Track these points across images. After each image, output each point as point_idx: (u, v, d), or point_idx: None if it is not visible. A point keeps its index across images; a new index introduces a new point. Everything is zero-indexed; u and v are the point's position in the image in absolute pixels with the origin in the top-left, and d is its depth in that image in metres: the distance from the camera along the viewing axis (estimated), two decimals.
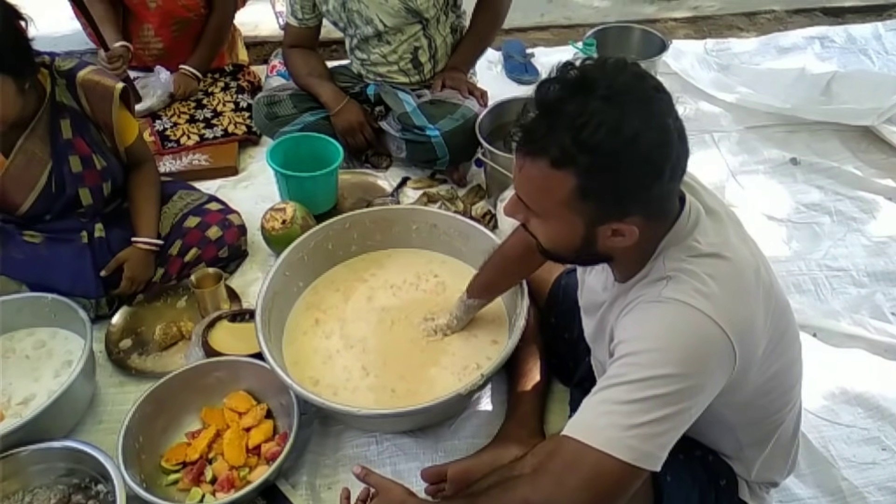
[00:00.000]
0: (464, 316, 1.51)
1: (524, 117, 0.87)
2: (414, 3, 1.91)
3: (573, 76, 0.84)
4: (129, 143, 1.70)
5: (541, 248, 0.98)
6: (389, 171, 2.18)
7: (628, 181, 0.84)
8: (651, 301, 0.91)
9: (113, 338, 1.67)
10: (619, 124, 0.81)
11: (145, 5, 2.24)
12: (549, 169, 0.84)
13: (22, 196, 1.60)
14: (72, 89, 1.59)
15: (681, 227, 0.93)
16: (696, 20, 2.90)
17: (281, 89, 2.15)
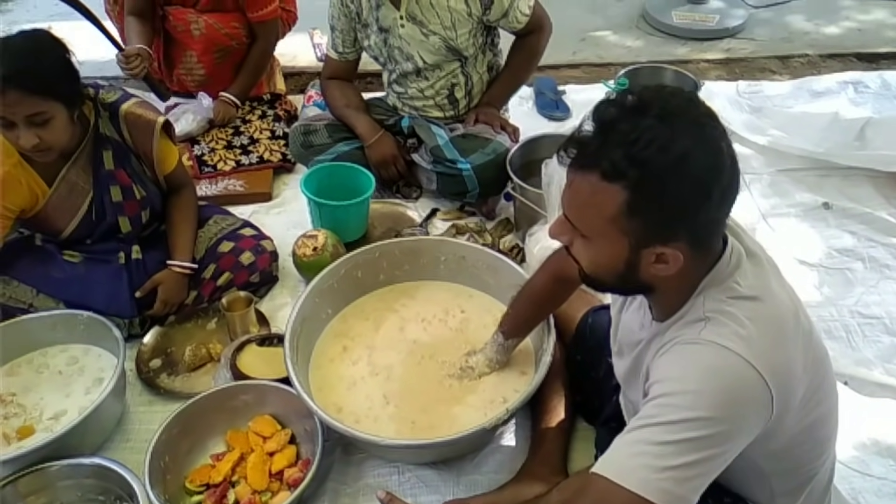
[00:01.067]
0: (503, 358, 1.50)
1: (579, 133, 0.89)
2: (454, 42, 1.96)
3: (631, 100, 0.87)
4: (169, 170, 1.76)
5: (582, 273, 0.99)
6: (419, 201, 2.21)
7: (676, 200, 0.85)
8: (689, 342, 0.91)
9: (144, 357, 1.70)
10: (670, 142, 0.82)
11: (189, 33, 2.31)
12: (599, 182, 0.86)
13: (64, 222, 1.66)
14: (115, 121, 1.65)
15: (722, 267, 0.93)
16: (728, 62, 2.91)
17: (317, 119, 2.20)
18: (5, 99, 1.41)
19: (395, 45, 2.00)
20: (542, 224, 1.82)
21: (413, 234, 2.04)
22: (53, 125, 1.48)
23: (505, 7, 1.92)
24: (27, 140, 1.46)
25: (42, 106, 1.45)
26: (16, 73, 1.40)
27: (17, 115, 1.43)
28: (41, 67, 1.44)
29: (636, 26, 3.17)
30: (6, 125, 1.45)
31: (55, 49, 1.49)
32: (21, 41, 1.45)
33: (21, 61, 1.41)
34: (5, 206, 1.55)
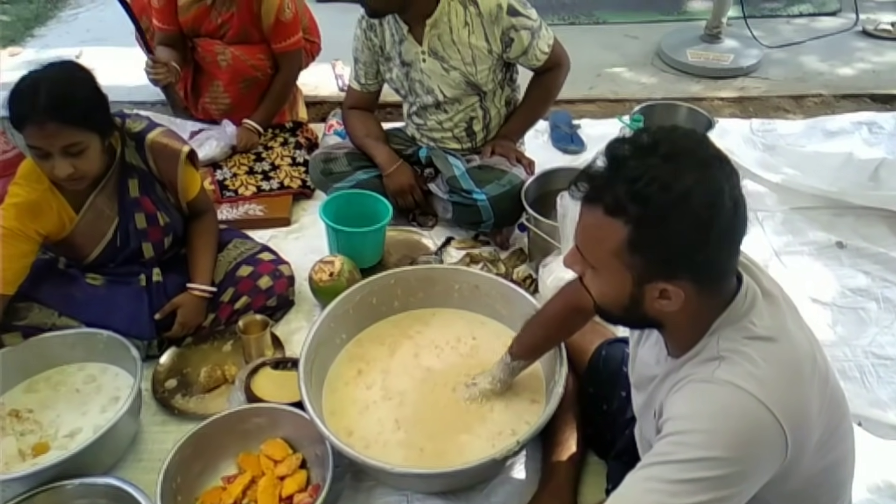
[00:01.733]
0: (507, 378, 1.51)
1: (590, 169, 0.92)
2: (474, 78, 2.00)
3: (643, 139, 0.89)
4: (192, 197, 1.80)
5: (593, 303, 1.01)
6: (434, 230, 2.24)
7: (676, 238, 0.86)
8: (703, 381, 0.92)
9: (159, 377, 1.73)
10: (672, 181, 0.84)
11: (217, 64, 2.38)
12: (602, 216, 0.88)
13: (89, 248, 1.70)
14: (140, 151, 1.69)
15: (737, 307, 0.94)
16: (742, 100, 2.94)
17: (337, 147, 2.25)
18: (43, 131, 1.45)
19: (417, 79, 2.05)
20: (556, 255, 1.84)
21: (428, 261, 2.06)
22: (87, 155, 1.52)
23: (525, 45, 1.97)
24: (62, 170, 1.49)
25: (78, 136, 1.49)
26: (54, 105, 1.44)
27: (53, 146, 1.47)
28: (77, 99, 1.49)
29: (651, 63, 3.22)
30: (42, 155, 1.49)
31: (88, 80, 1.54)
32: (56, 73, 1.49)
33: (58, 93, 1.45)
34: (36, 230, 1.59)
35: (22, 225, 1.55)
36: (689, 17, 3.62)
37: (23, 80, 1.48)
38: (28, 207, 1.56)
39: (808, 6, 3.66)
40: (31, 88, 1.44)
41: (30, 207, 1.56)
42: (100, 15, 3.92)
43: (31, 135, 1.46)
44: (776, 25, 3.50)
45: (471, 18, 1.93)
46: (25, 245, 1.57)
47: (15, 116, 1.47)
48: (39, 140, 1.46)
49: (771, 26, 3.45)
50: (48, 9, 4.04)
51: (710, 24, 3.17)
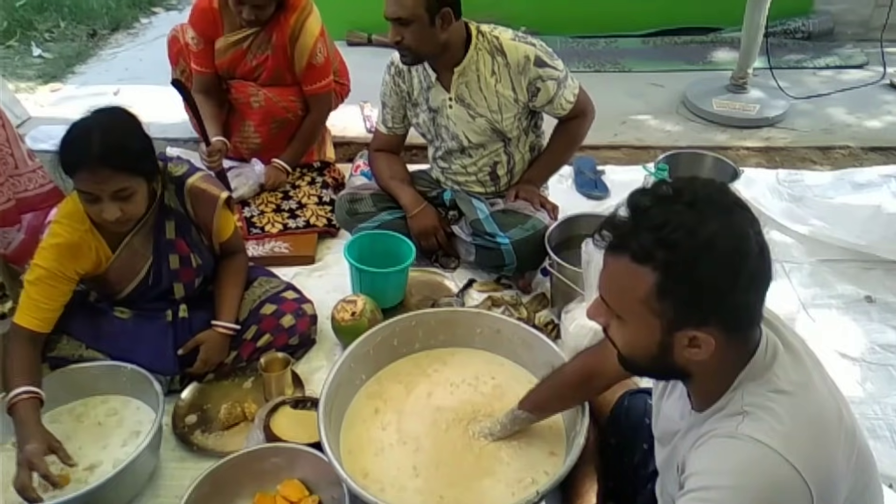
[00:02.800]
0: (509, 425, 1.50)
1: (613, 218, 0.93)
2: (499, 125, 2.04)
3: (665, 189, 0.91)
4: (225, 238, 1.83)
5: (620, 356, 1.00)
6: (457, 272, 2.24)
7: (705, 283, 0.86)
8: (726, 436, 0.90)
9: (180, 412, 1.73)
10: (697, 226, 0.85)
11: (249, 105, 2.45)
12: (630, 264, 0.89)
13: (122, 285, 1.73)
14: (180, 194, 1.73)
15: (758, 360, 0.94)
16: (768, 150, 2.93)
17: (363, 188, 2.29)
18: (96, 177, 1.49)
19: (443, 124, 2.09)
20: (579, 302, 1.83)
21: (449, 303, 2.07)
22: (135, 199, 1.56)
23: (551, 95, 2.00)
24: (110, 213, 1.53)
25: (128, 182, 1.53)
26: (107, 153, 1.48)
27: (104, 191, 1.51)
28: (128, 147, 1.53)
29: (676, 112, 3.24)
30: (92, 199, 1.53)
31: (138, 128, 1.58)
32: (108, 121, 1.54)
33: (111, 141, 1.49)
34: (75, 269, 1.63)
35: (61, 266, 1.59)
36: (714, 66, 3.65)
37: (75, 127, 1.53)
38: (69, 248, 1.60)
39: (835, 58, 3.67)
40: (85, 136, 1.49)
41: (70, 248, 1.60)
42: (139, 55, 4.07)
43: (83, 180, 1.50)
44: (802, 77, 3.51)
45: (498, 68, 1.97)
46: (64, 285, 1.62)
47: (68, 162, 1.51)
48: (91, 185, 1.50)
49: (797, 77, 3.46)
50: (90, 47, 4.21)
51: (736, 75, 3.20)
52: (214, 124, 2.44)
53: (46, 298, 1.60)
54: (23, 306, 1.60)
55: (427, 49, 1.90)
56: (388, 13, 1.86)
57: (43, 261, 1.59)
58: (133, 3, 4.82)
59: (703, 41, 3.90)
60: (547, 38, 3.63)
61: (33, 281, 1.59)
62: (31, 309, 1.59)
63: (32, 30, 4.42)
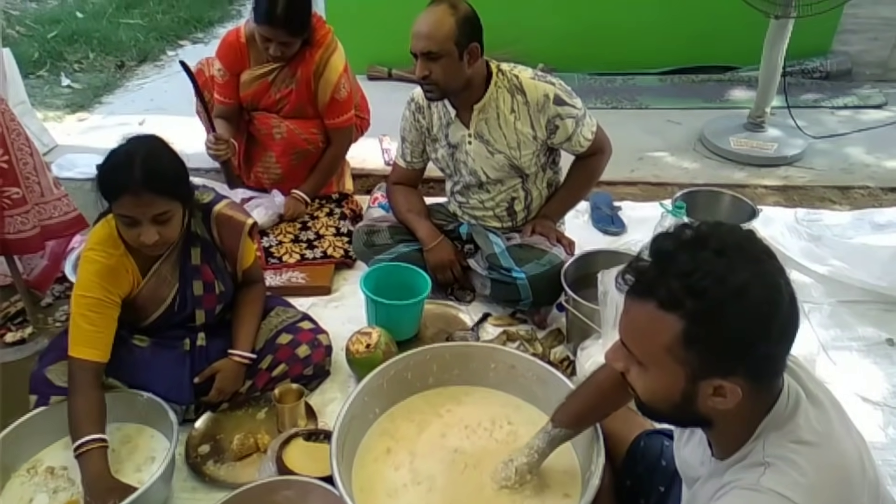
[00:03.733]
0: (547, 448, 1.44)
1: (637, 263, 0.92)
2: (517, 161, 2.06)
3: (688, 234, 0.90)
4: (247, 266, 1.85)
5: (638, 401, 0.99)
6: (472, 305, 2.24)
7: (734, 333, 0.85)
8: (748, 488, 0.89)
9: (193, 442, 1.73)
10: (727, 275, 0.84)
11: (272, 136, 2.50)
12: (656, 311, 0.88)
13: (149, 311, 1.74)
14: (206, 221, 1.76)
15: (780, 409, 0.92)
16: (786, 189, 2.93)
17: (381, 220, 2.31)
18: (139, 200, 1.51)
19: (461, 160, 2.11)
20: (595, 339, 1.82)
21: (464, 337, 2.06)
22: (172, 223, 1.59)
23: (569, 132, 2.02)
24: (149, 237, 1.55)
25: (168, 206, 1.55)
26: (150, 176, 1.51)
27: (146, 214, 1.53)
28: (169, 171, 1.56)
29: (693, 149, 3.25)
30: (131, 223, 1.55)
31: (174, 154, 1.62)
32: (147, 147, 1.57)
33: (152, 166, 1.52)
34: (118, 294, 1.64)
35: (106, 291, 1.61)
36: (731, 105, 3.67)
37: (115, 154, 1.55)
38: (108, 272, 1.62)
39: (853, 98, 3.68)
40: (127, 161, 1.51)
41: (110, 272, 1.62)
42: (164, 86, 4.17)
43: (126, 204, 1.52)
44: (820, 116, 3.51)
45: (518, 106, 1.99)
46: (112, 311, 1.63)
47: (110, 187, 1.53)
48: (133, 209, 1.53)
49: (815, 117, 3.47)
50: (117, 78, 4.32)
51: (754, 113, 3.21)
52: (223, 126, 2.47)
53: (99, 327, 1.60)
54: (78, 339, 1.58)
55: (454, 84, 1.92)
56: (418, 48, 1.87)
57: (87, 290, 1.59)
58: (160, 37, 4.96)
59: (720, 80, 3.93)
60: (564, 74, 3.69)
61: (83, 312, 1.59)
62: (88, 340, 1.58)
63: (62, 60, 4.55)
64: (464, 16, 1.86)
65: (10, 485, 1.57)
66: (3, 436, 1.58)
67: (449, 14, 1.84)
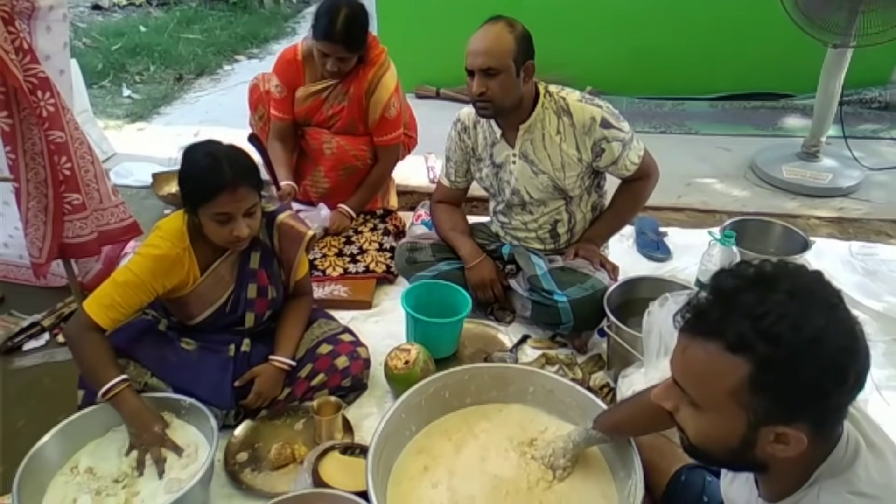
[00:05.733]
0: (583, 444, 1.48)
1: (697, 300, 0.88)
2: (561, 183, 2.05)
3: (751, 272, 0.86)
4: (300, 277, 1.90)
5: (687, 442, 0.95)
6: (512, 326, 2.23)
7: (807, 382, 0.81)
8: None
9: (232, 449, 1.75)
10: (803, 321, 0.80)
11: (322, 151, 2.54)
12: (722, 352, 0.84)
13: (200, 309, 1.79)
14: (269, 228, 1.82)
15: (837, 456, 0.88)
16: (840, 220, 2.84)
17: (423, 237, 2.32)
18: (236, 195, 1.59)
19: (506, 179, 2.11)
20: (637, 367, 1.79)
21: (503, 358, 2.05)
22: (257, 215, 1.68)
23: (615, 156, 2.00)
24: (243, 230, 1.63)
25: (255, 197, 1.65)
26: (241, 172, 1.60)
27: (241, 208, 1.61)
28: (252, 165, 1.65)
29: (744, 177, 3.18)
30: (226, 220, 1.62)
31: (243, 150, 1.68)
32: (222, 148, 1.64)
33: (238, 161, 1.62)
34: (163, 284, 1.69)
35: (153, 277, 1.66)
36: (784, 133, 3.59)
37: (195, 161, 1.62)
38: (167, 262, 1.67)
39: None
40: (215, 163, 1.58)
41: (167, 261, 1.67)
42: (219, 99, 4.30)
43: (223, 202, 1.59)
44: (878, 147, 3.41)
45: (564, 128, 1.99)
46: (145, 297, 1.68)
47: (205, 190, 1.59)
48: (230, 205, 1.59)
49: (872, 148, 3.37)
50: (175, 90, 4.48)
51: (808, 143, 3.13)
52: (284, 170, 2.55)
53: (126, 303, 1.65)
54: (101, 301, 1.64)
55: (509, 101, 1.92)
56: (476, 64, 1.88)
57: (138, 268, 1.65)
58: (218, 52, 5.13)
59: (773, 107, 3.86)
60: (612, 97, 3.68)
61: (122, 283, 1.64)
62: (107, 307, 1.63)
63: (124, 72, 4.74)
64: (521, 33, 1.88)
65: (54, 483, 1.59)
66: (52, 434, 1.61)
67: (507, 31, 1.86)
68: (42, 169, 1.94)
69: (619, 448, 1.50)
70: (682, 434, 0.95)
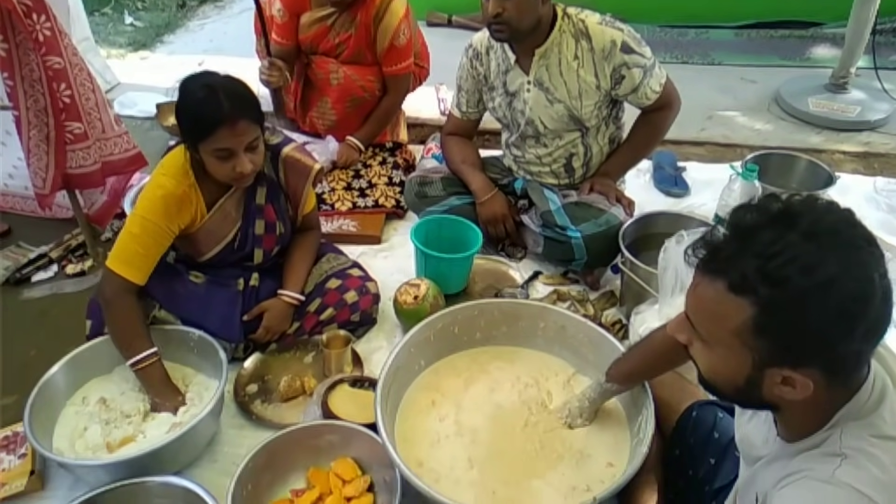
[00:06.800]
0: (598, 399, 1.46)
1: (712, 235, 0.83)
2: (578, 112, 1.96)
3: (776, 208, 0.80)
4: (307, 212, 1.85)
5: (701, 376, 0.93)
6: (523, 262, 2.20)
7: (812, 329, 0.77)
8: (821, 480, 0.82)
9: (242, 381, 1.76)
10: (816, 265, 0.75)
11: (328, 81, 2.45)
12: (725, 293, 0.80)
13: (208, 247, 1.75)
14: (274, 162, 1.76)
15: (861, 399, 0.85)
16: (866, 155, 2.74)
17: (434, 171, 2.26)
18: (235, 130, 1.51)
19: (519, 109, 2.03)
20: (651, 303, 1.75)
21: (513, 294, 2.03)
22: (260, 149, 1.60)
23: (635, 83, 1.91)
24: (245, 165, 1.56)
25: (257, 131, 1.57)
26: (240, 105, 1.51)
27: (241, 143, 1.54)
28: (251, 97, 1.57)
29: (768, 110, 3.06)
30: (227, 156, 1.55)
31: (244, 82, 1.60)
32: (221, 79, 1.55)
33: (238, 94, 1.53)
34: (178, 224, 1.65)
35: (168, 220, 1.62)
36: (812, 63, 3.44)
37: (192, 92, 1.53)
38: (174, 200, 1.62)
39: None
40: (213, 95, 1.50)
41: (175, 200, 1.62)
42: (223, 27, 4.17)
43: (222, 137, 1.51)
44: None
45: (582, 53, 1.89)
46: (165, 240, 1.64)
47: (203, 124, 1.52)
48: (230, 140, 1.52)
49: None
50: (178, 18, 4.34)
51: (837, 73, 2.99)
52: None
53: (148, 252, 1.61)
54: (122, 256, 1.60)
55: (526, 23, 1.82)
56: None
57: (150, 213, 1.60)
58: None
59: (801, 36, 3.68)
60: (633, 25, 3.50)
61: (138, 233, 1.60)
62: (132, 260, 1.60)
63: None
64: None
65: (65, 413, 1.62)
66: (62, 364, 1.62)
67: None
68: (41, 97, 1.89)
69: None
70: (695, 366, 0.93)
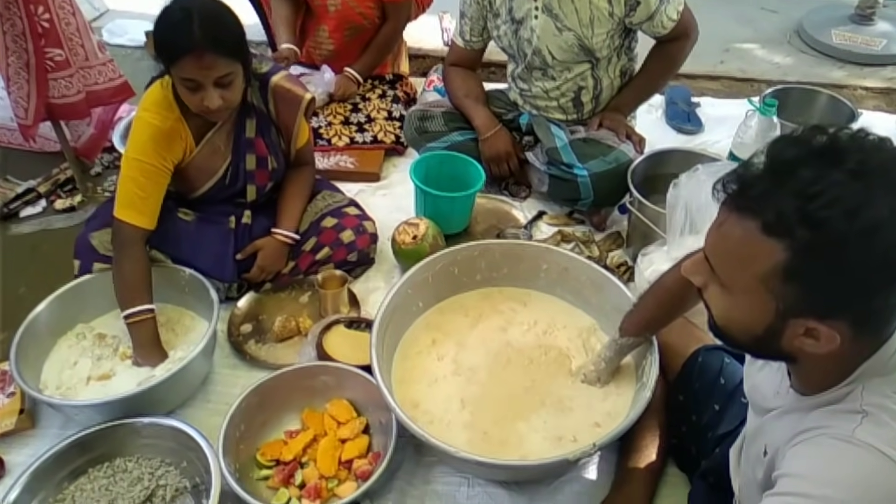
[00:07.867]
0: (615, 357, 1.39)
1: (746, 168, 0.75)
2: (589, 42, 1.85)
3: (820, 142, 0.71)
4: (301, 145, 1.77)
5: (712, 322, 0.86)
6: (527, 201, 2.13)
7: (849, 277, 0.70)
8: (840, 439, 0.76)
9: (235, 321, 1.73)
10: (861, 207, 0.67)
11: (325, 8, 2.32)
12: (756, 233, 0.72)
13: (200, 182, 1.69)
14: (263, 92, 1.66)
15: (886, 354, 0.78)
16: (889, 91, 2.62)
17: (435, 105, 2.16)
18: (201, 62, 1.41)
19: (525, 38, 1.91)
20: (659, 245, 1.69)
21: (516, 235, 1.97)
22: (234, 86, 1.50)
23: (651, 10, 1.79)
24: (213, 101, 1.47)
25: (230, 67, 1.46)
26: (211, 36, 1.40)
27: (209, 77, 1.44)
28: (230, 29, 1.46)
29: (788, 42, 2.92)
30: (194, 88, 1.46)
31: (231, 11, 1.50)
32: (204, 5, 1.45)
33: (213, 24, 1.42)
34: (172, 160, 1.58)
35: (160, 158, 1.55)
36: None
37: (171, 12, 1.43)
38: (163, 136, 1.55)
39: None
40: (186, 20, 1.40)
41: (164, 136, 1.55)
42: None
43: (187, 67, 1.42)
44: None
45: None
46: (164, 178, 1.58)
47: (170, 49, 1.43)
48: (195, 72, 1.43)
49: None
50: None
51: (863, 4, 2.84)
52: (285, 30, 2.34)
53: (149, 192, 1.55)
54: (126, 202, 1.54)
55: None
56: None
57: (141, 154, 1.53)
58: None
59: None
60: None
61: (134, 176, 1.53)
62: (135, 204, 1.54)
63: None
64: None
65: (58, 347, 1.60)
66: (53, 298, 1.59)
67: None
68: (18, 20, 1.79)
69: None
70: (708, 312, 0.86)
